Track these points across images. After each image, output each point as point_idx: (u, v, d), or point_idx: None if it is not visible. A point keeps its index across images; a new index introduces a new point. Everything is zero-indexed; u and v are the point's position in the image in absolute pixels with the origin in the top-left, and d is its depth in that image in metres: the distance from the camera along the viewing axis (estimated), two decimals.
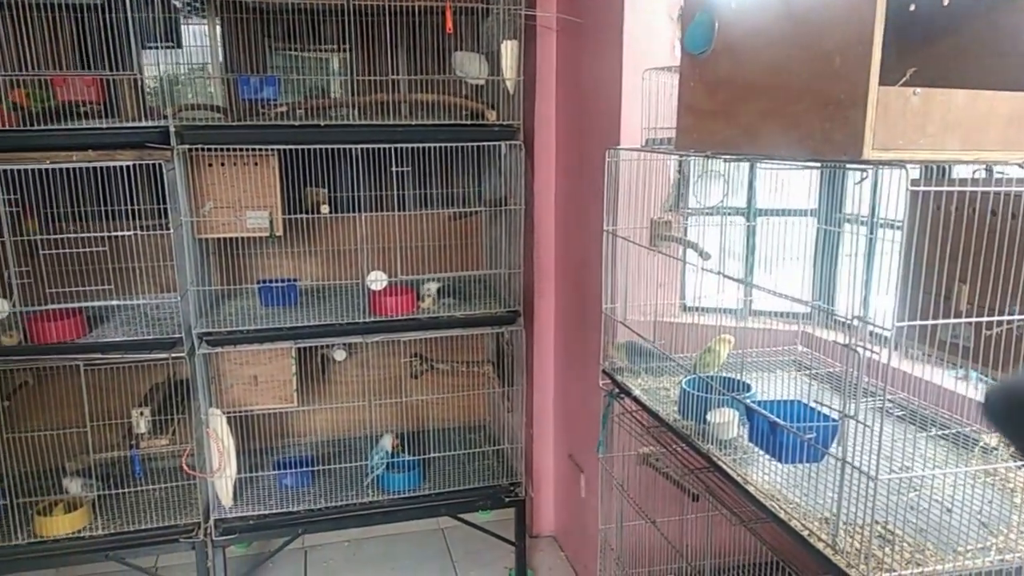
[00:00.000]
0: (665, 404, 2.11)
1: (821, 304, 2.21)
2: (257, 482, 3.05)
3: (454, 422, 3.62)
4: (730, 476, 1.71)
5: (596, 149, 2.71)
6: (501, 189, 3.12)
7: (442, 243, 3.36)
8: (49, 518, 2.71)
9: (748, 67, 1.52)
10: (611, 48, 2.57)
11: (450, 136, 2.85)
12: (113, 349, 2.62)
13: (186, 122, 2.64)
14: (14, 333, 2.56)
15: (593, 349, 2.77)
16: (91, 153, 2.49)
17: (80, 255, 2.77)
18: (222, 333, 2.76)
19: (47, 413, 3.10)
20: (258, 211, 2.83)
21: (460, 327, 3.01)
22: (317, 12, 2.94)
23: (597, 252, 2.68)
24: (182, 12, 3.00)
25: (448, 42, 3.14)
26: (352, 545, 3.44)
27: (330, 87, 3.30)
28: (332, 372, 3.42)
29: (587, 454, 3.00)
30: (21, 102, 2.55)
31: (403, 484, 3.03)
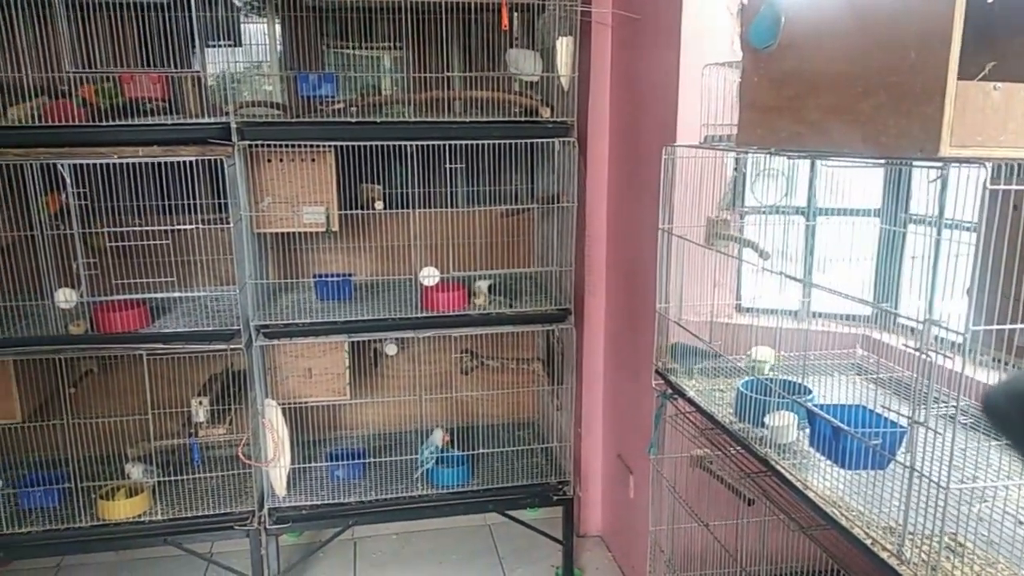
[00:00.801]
0: (720, 406, 2.08)
1: (889, 307, 2.14)
2: (310, 473, 3.10)
3: (502, 419, 3.62)
4: (789, 481, 1.67)
5: (651, 146, 2.68)
6: (553, 186, 3.11)
7: (493, 240, 3.36)
8: (111, 502, 2.80)
9: (815, 61, 1.48)
10: (668, 44, 2.53)
11: (504, 133, 2.85)
12: (175, 339, 2.69)
13: (246, 119, 2.70)
14: (81, 322, 2.64)
15: (645, 349, 2.74)
16: (156, 148, 2.56)
17: (144, 248, 2.85)
18: (278, 326, 2.81)
19: (110, 400, 3.20)
20: (314, 207, 2.87)
21: (510, 324, 3.01)
22: (374, 10, 2.97)
23: (650, 250, 2.65)
24: (242, 11, 3.06)
25: (502, 39, 3.14)
26: (400, 538, 3.47)
27: (382, 84, 3.33)
28: (384, 366, 3.46)
29: (636, 455, 2.98)
30: (90, 99, 2.63)
31: (452, 479, 3.05)
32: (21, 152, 2.48)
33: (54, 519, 2.78)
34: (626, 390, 3.09)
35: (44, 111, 2.55)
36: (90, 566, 3.23)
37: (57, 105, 2.56)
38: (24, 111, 2.54)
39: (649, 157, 2.72)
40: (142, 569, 3.21)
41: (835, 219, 2.34)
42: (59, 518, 2.79)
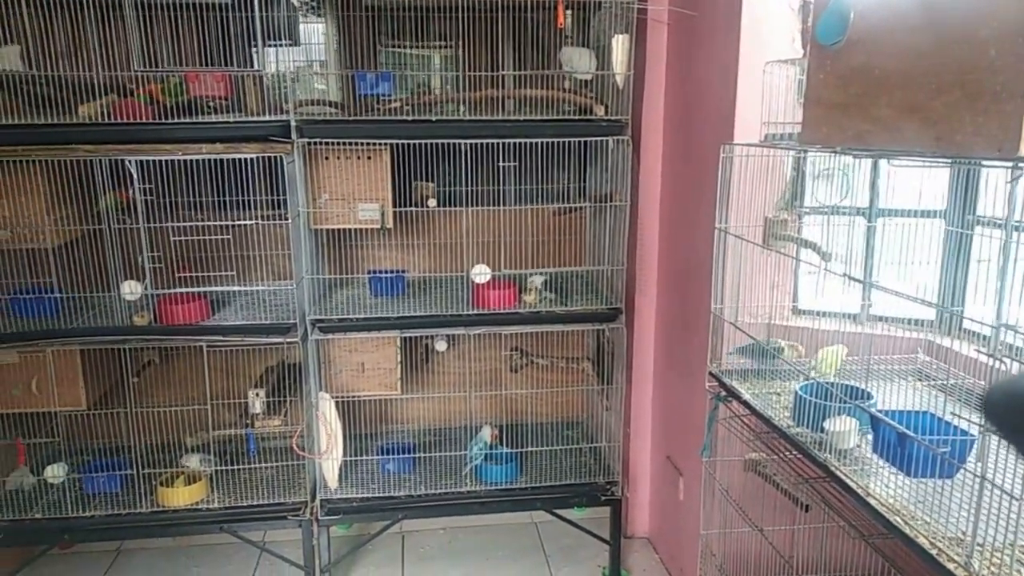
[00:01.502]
0: (776, 409, 2.04)
1: (958, 310, 2.08)
2: (361, 466, 3.15)
3: (550, 417, 3.62)
4: (850, 487, 1.63)
5: (707, 144, 2.65)
6: (605, 184, 3.09)
7: (545, 238, 3.36)
8: (171, 489, 2.88)
9: (886, 58, 1.45)
10: (727, 41, 2.50)
11: (557, 131, 2.85)
12: (234, 332, 2.76)
13: (305, 116, 2.75)
14: (145, 314, 2.73)
15: (698, 350, 2.71)
16: (219, 146, 2.62)
17: (206, 242, 2.93)
18: (333, 320, 2.85)
19: (171, 390, 3.30)
20: (370, 204, 2.91)
21: (561, 323, 3.00)
22: (431, 9, 2.99)
23: (705, 250, 2.62)
24: (300, 11, 3.12)
25: (555, 37, 3.14)
26: (447, 533, 3.50)
27: (433, 82, 3.34)
28: (434, 362, 3.49)
29: (686, 456, 2.95)
30: (156, 96, 2.71)
31: (500, 476, 3.06)
32: (91, 148, 2.57)
33: (116, 504, 2.88)
34: (677, 391, 3.06)
35: (113, 109, 2.64)
36: (149, 551, 3.33)
37: (125, 103, 2.64)
38: (94, 109, 2.62)
39: (704, 155, 2.69)
40: (198, 555, 3.30)
41: (897, 220, 2.27)
42: (121, 503, 2.88)
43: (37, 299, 2.80)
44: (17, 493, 2.90)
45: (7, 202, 2.65)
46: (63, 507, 2.84)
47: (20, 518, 2.80)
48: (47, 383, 2.76)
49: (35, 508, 2.84)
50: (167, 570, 3.22)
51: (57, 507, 2.84)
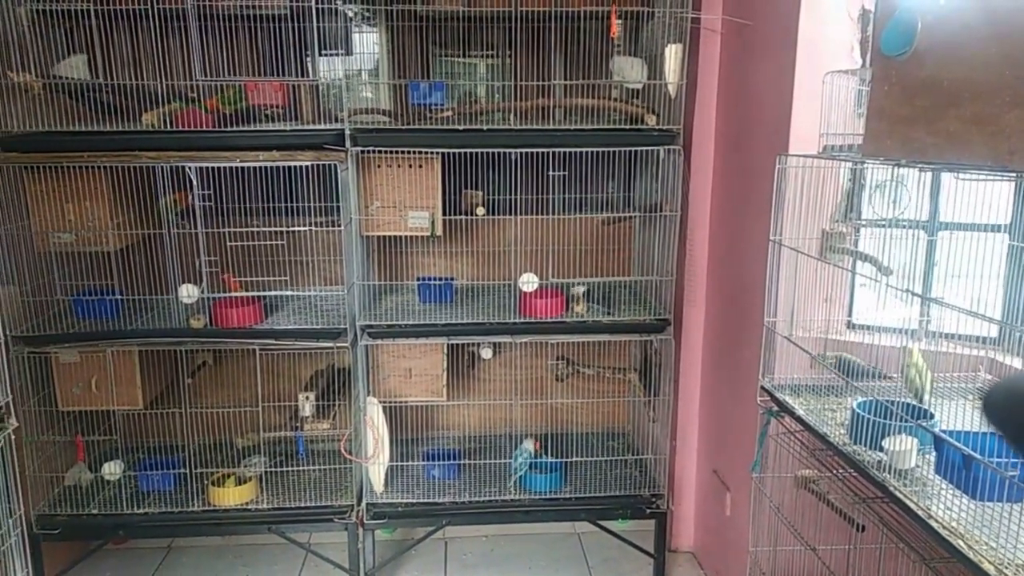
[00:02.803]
0: (831, 426, 2.00)
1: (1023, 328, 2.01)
2: (406, 471, 3.17)
3: (595, 427, 3.60)
4: (910, 509, 1.59)
5: (761, 155, 2.62)
6: (655, 194, 3.08)
7: (593, 247, 3.35)
8: (222, 489, 2.94)
9: (956, 70, 1.41)
10: (783, 50, 2.47)
11: (608, 140, 2.84)
12: (286, 336, 2.81)
13: (359, 125, 2.79)
14: (201, 317, 2.79)
15: (748, 363, 2.67)
16: (275, 153, 2.68)
17: (260, 247, 2.99)
18: (382, 326, 2.89)
19: (223, 391, 3.37)
20: (420, 211, 2.94)
21: (608, 333, 2.99)
22: (485, 19, 3.02)
23: (756, 262, 2.58)
24: (353, 21, 3.17)
25: (606, 46, 3.14)
26: (490, 540, 3.50)
27: (479, 91, 3.36)
28: (479, 369, 3.50)
29: (734, 471, 2.90)
30: (215, 105, 2.79)
31: (545, 485, 3.06)
32: (153, 155, 2.65)
33: (169, 502, 2.95)
34: (725, 405, 3.02)
35: (174, 117, 2.72)
36: (199, 549, 3.40)
37: (187, 111, 2.72)
38: (156, 117, 2.70)
39: (758, 166, 2.66)
40: (246, 554, 3.36)
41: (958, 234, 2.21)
42: (173, 502, 2.95)
43: (99, 300, 2.89)
44: (75, 489, 2.99)
45: (73, 206, 2.74)
46: (119, 504, 2.92)
47: (78, 513, 2.89)
48: (106, 382, 2.85)
49: (92, 504, 2.92)
50: (216, 568, 3.28)
51: (113, 503, 2.92)
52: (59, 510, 2.89)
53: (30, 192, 2.73)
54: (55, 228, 2.75)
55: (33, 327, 2.80)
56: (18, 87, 2.65)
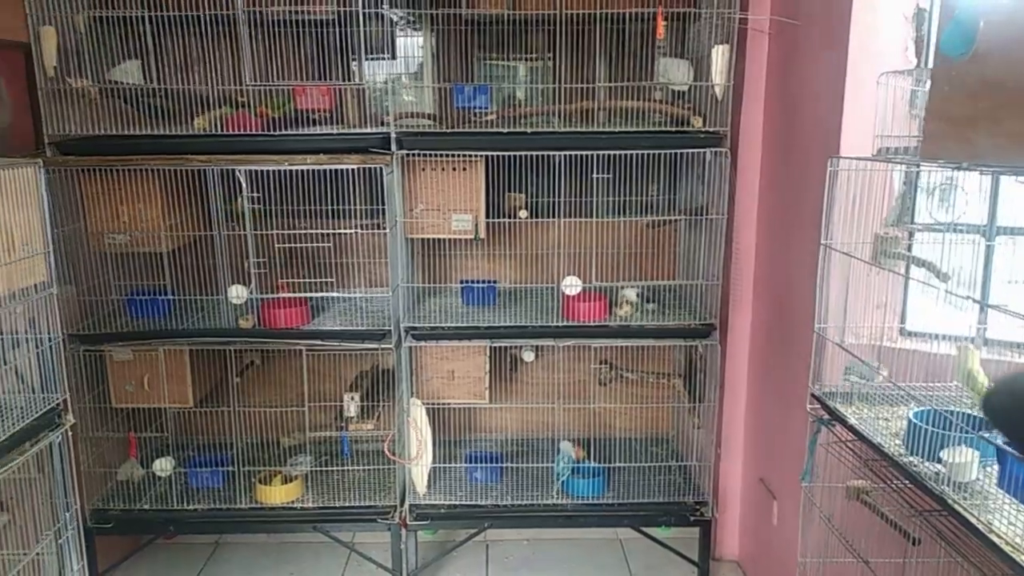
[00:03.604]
0: (885, 436, 1.95)
1: None
2: (449, 472, 3.18)
3: (637, 432, 3.57)
4: (970, 523, 1.54)
5: (811, 158, 2.56)
6: (700, 197, 3.04)
7: (636, 251, 3.32)
8: (268, 487, 2.99)
9: (1021, 70, 1.36)
10: (834, 51, 2.41)
11: (653, 143, 2.82)
12: (332, 337, 2.84)
13: (404, 129, 2.81)
14: (250, 317, 2.84)
15: (797, 370, 2.62)
16: (323, 157, 2.71)
17: (307, 249, 3.03)
18: (425, 328, 2.90)
19: (270, 391, 3.42)
20: (463, 214, 2.95)
21: (652, 337, 2.96)
22: (530, 22, 3.01)
23: (805, 266, 2.53)
24: (398, 26, 3.19)
25: (650, 48, 3.11)
26: (531, 544, 3.49)
27: (519, 94, 3.35)
28: (521, 372, 3.49)
29: (782, 480, 2.85)
30: (263, 110, 2.84)
31: (587, 490, 3.04)
32: (204, 158, 2.70)
33: (217, 499, 3.01)
34: (772, 412, 2.97)
35: (225, 121, 2.77)
36: (245, 546, 3.46)
37: (237, 115, 2.77)
38: (207, 121, 2.76)
39: (807, 169, 2.60)
40: (291, 552, 3.41)
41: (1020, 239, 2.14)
42: (221, 498, 3.01)
43: (151, 300, 2.97)
44: (127, 484, 3.06)
45: (127, 208, 2.82)
46: (169, 500, 2.98)
47: (129, 508, 2.96)
48: (158, 380, 2.91)
49: (143, 499, 2.99)
50: (262, 565, 3.33)
51: (163, 499, 2.99)
52: (112, 505, 2.97)
53: (86, 194, 2.81)
54: (110, 229, 2.83)
55: (89, 326, 2.88)
56: (76, 92, 2.73)
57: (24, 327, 2.14)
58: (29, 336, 2.15)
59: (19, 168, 1.98)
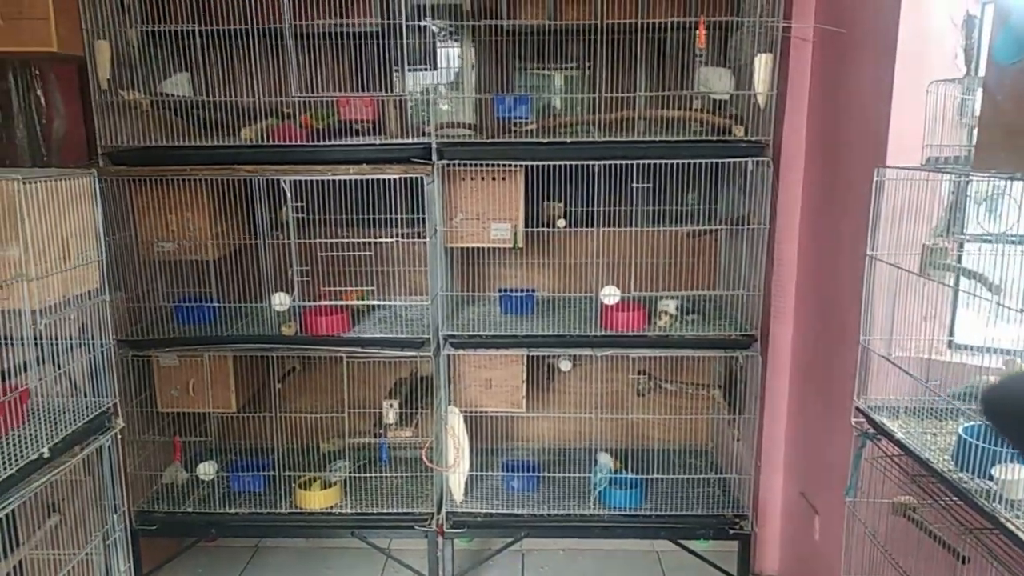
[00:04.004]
0: (933, 451, 1.91)
1: None
2: (485, 481, 3.19)
3: (675, 444, 3.54)
4: (1023, 542, 1.50)
5: (856, 167, 2.53)
6: (742, 207, 3.01)
7: (675, 260, 3.30)
8: (308, 492, 3.02)
9: None
10: (881, 59, 2.38)
11: (694, 152, 2.80)
12: (372, 344, 2.87)
13: (445, 139, 2.84)
14: (292, 324, 2.89)
15: (840, 383, 2.57)
16: (365, 167, 2.75)
17: (348, 257, 3.08)
18: (464, 336, 2.92)
19: (310, 397, 3.47)
20: (502, 223, 2.96)
21: (691, 348, 2.94)
22: (571, 32, 3.03)
23: (849, 278, 2.49)
24: (439, 37, 3.23)
25: (689, 57, 3.10)
26: (567, 555, 3.47)
27: (555, 103, 3.36)
28: (557, 381, 3.49)
29: (824, 494, 2.79)
30: (307, 122, 2.89)
31: (625, 501, 3.02)
32: (251, 168, 2.76)
33: (258, 503, 3.05)
34: (814, 425, 2.92)
35: (270, 132, 2.83)
36: (284, 550, 3.50)
37: (282, 126, 2.82)
38: (254, 132, 2.82)
39: (852, 178, 2.57)
40: (329, 557, 3.44)
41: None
42: (262, 503, 3.06)
43: (198, 307, 3.03)
44: (171, 487, 3.13)
45: (175, 217, 2.89)
46: (211, 503, 3.04)
47: (173, 511, 3.02)
48: (202, 385, 2.97)
49: (187, 502, 3.05)
50: (300, 570, 3.37)
51: (206, 503, 3.04)
52: (156, 507, 3.03)
53: (136, 203, 2.88)
54: (158, 238, 2.90)
55: (137, 332, 2.95)
56: (127, 104, 2.81)
57: (75, 332, 2.20)
58: (80, 341, 2.22)
59: (76, 179, 2.05)
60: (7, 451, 1.89)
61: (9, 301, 1.85)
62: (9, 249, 1.84)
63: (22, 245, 1.85)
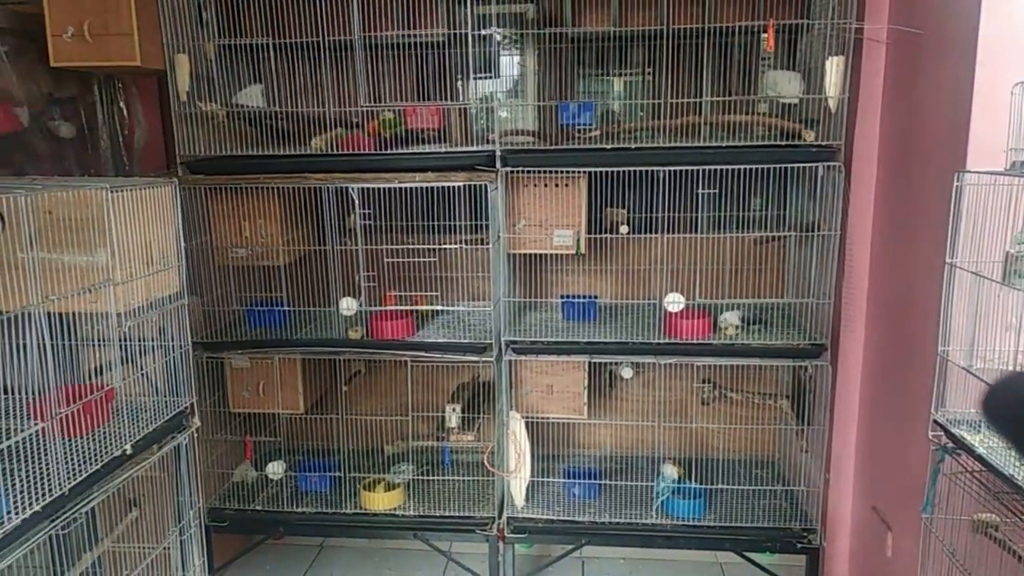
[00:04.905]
0: (1017, 467, 1.82)
1: None
2: (546, 487, 3.19)
3: (740, 454, 3.47)
4: None
5: (933, 172, 2.44)
6: (811, 213, 2.94)
7: (740, 267, 3.25)
8: (372, 494, 3.08)
9: None
10: (960, 60, 2.30)
11: (762, 157, 2.76)
12: (435, 349, 2.91)
13: (509, 146, 2.86)
14: (359, 328, 2.95)
15: (917, 394, 2.49)
16: (431, 174, 2.79)
17: (413, 263, 3.13)
18: (526, 342, 2.93)
19: (374, 400, 3.54)
20: (564, 229, 2.97)
21: (758, 357, 2.89)
22: (636, 38, 3.02)
23: (927, 286, 2.41)
24: (501, 44, 3.25)
25: (755, 61, 3.05)
26: (627, 564, 3.44)
27: (614, 108, 3.34)
28: (618, 389, 3.47)
29: (897, 509, 2.70)
30: (375, 130, 2.95)
31: (688, 511, 2.98)
32: (321, 177, 2.83)
33: (324, 503, 3.12)
34: (887, 438, 2.83)
35: (340, 141, 2.90)
36: (348, 550, 3.57)
37: (351, 136, 2.89)
38: (324, 141, 2.90)
39: (929, 183, 2.48)
40: (391, 558, 3.49)
41: None
42: (328, 503, 3.12)
43: (268, 311, 3.12)
44: (241, 485, 3.22)
45: (248, 224, 2.98)
46: (279, 502, 3.12)
47: (243, 509, 3.11)
48: (272, 387, 3.06)
49: (256, 500, 3.14)
50: (363, 569, 3.43)
51: (274, 501, 3.13)
52: (227, 505, 3.12)
53: (212, 211, 2.99)
54: (232, 244, 3.00)
55: (211, 334, 3.06)
56: (204, 115, 2.93)
57: (155, 334, 2.30)
58: (158, 343, 2.31)
59: (159, 187, 2.14)
60: (94, 447, 1.98)
61: (97, 304, 1.94)
62: (98, 255, 1.93)
63: (109, 251, 1.94)
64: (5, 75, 2.50)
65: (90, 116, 2.90)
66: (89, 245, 1.94)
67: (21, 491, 1.73)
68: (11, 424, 1.93)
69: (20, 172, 2.55)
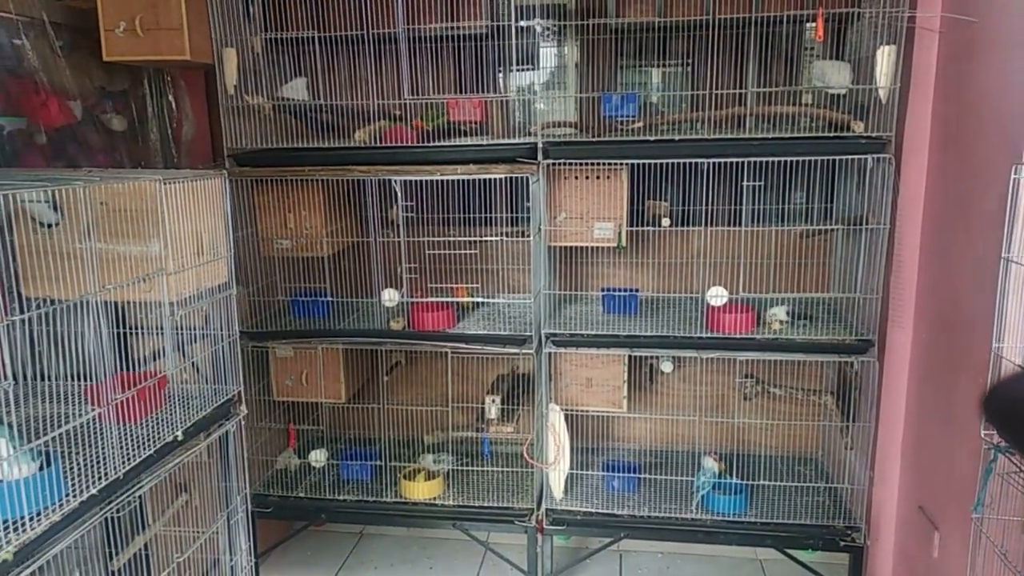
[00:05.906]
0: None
1: None
2: (585, 480, 3.19)
3: (782, 450, 3.43)
4: None
5: (988, 164, 2.38)
6: (859, 206, 2.89)
7: (786, 261, 3.20)
8: (412, 483, 3.11)
9: None
10: (1017, 49, 2.23)
11: (810, 149, 2.71)
12: (475, 340, 2.92)
13: (550, 138, 2.86)
14: (400, 319, 2.98)
15: (967, 392, 2.43)
16: (472, 167, 2.80)
17: (454, 255, 3.14)
18: (565, 335, 2.93)
19: (414, 390, 3.57)
20: (605, 222, 2.95)
21: (803, 352, 2.84)
22: (679, 28, 2.98)
23: (979, 281, 2.35)
24: (543, 36, 3.24)
25: (801, 51, 2.99)
26: (665, 558, 3.43)
27: (654, 99, 3.31)
28: (658, 383, 3.45)
29: (944, 509, 2.64)
30: (416, 123, 2.97)
31: (728, 507, 2.95)
32: (364, 169, 2.86)
33: (365, 491, 3.17)
34: (936, 435, 2.77)
35: (383, 134, 2.92)
36: (387, 538, 3.62)
37: (394, 129, 2.91)
38: (367, 134, 2.92)
39: (983, 176, 2.41)
40: (430, 547, 3.53)
41: None
42: (369, 491, 3.17)
43: (312, 302, 3.17)
44: (285, 472, 3.28)
45: (293, 215, 3.03)
46: (321, 489, 3.17)
47: (286, 495, 3.17)
48: (314, 376, 3.11)
49: (299, 488, 3.20)
50: (403, 557, 3.47)
51: (316, 488, 3.18)
52: (271, 491, 3.18)
53: (258, 203, 3.04)
54: (277, 235, 3.05)
55: (256, 324, 3.12)
56: (251, 108, 2.97)
57: (202, 324, 2.35)
58: (208, 332, 2.36)
59: (209, 179, 2.18)
60: (147, 433, 2.03)
61: (151, 293, 1.99)
62: (151, 245, 1.98)
63: (162, 241, 1.98)
64: (59, 69, 2.57)
65: (140, 109, 2.97)
66: (143, 235, 1.99)
67: (78, 474, 1.78)
68: (69, 409, 1.99)
69: (74, 164, 2.62)
